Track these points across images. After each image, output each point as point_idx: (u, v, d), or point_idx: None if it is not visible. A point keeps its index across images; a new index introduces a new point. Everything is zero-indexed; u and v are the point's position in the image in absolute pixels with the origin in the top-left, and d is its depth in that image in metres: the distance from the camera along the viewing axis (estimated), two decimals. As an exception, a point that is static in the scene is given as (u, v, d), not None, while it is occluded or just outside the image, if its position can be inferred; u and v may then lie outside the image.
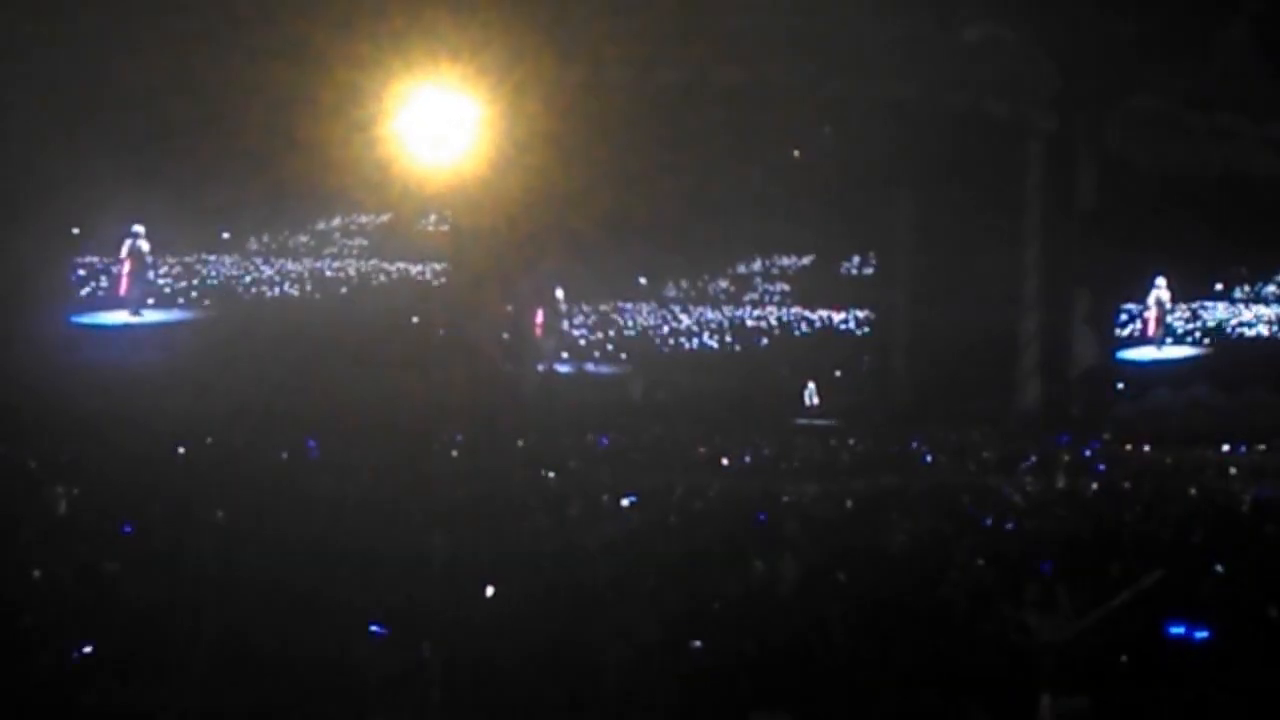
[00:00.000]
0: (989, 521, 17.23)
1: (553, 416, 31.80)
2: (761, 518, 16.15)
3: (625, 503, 17.55)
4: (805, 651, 9.90)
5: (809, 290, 39.28)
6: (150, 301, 36.16)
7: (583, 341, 38.50)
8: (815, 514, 17.40)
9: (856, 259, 39.20)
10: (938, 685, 9.23)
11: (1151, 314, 37.48)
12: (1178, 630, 10.24)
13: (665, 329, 38.97)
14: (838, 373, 37.68)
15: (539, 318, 37.34)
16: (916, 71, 32.74)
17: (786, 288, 39.30)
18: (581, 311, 38.70)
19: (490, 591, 10.66)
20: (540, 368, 36.82)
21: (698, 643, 9.85)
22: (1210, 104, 33.31)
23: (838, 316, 39.01)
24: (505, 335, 34.69)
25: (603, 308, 38.78)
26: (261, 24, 29.58)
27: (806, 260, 39.24)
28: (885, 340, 37.62)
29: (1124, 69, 33.14)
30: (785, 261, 39.27)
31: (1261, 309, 37.36)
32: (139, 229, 35.77)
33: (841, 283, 39.32)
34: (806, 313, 39.15)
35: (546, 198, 30.41)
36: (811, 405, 36.76)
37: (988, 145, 33.93)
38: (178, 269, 36.53)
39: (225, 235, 37.05)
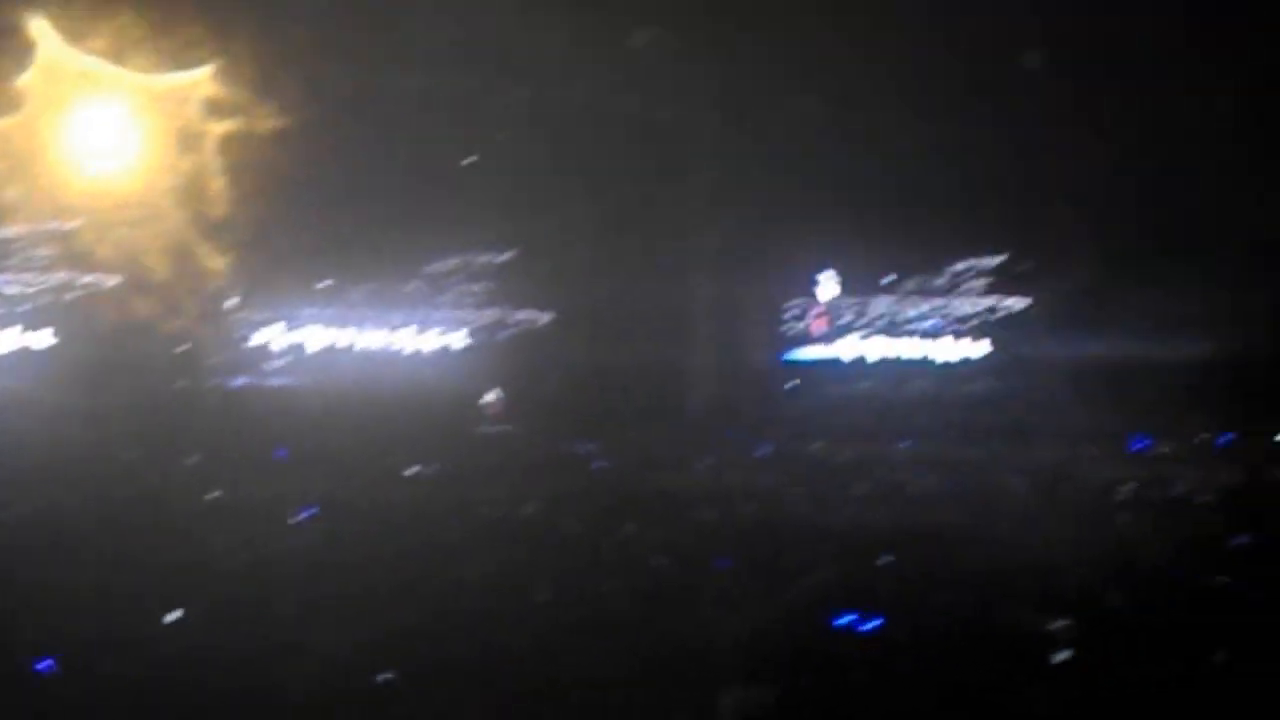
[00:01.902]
0: (666, 518, 17.46)
1: (228, 431, 31.00)
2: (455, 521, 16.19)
3: (304, 515, 17.33)
4: (491, 657, 9.92)
5: (510, 290, 38.53)
6: None
7: (258, 353, 37.50)
8: (496, 520, 17.45)
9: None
10: (619, 681, 9.33)
11: (818, 310, 38.18)
12: (849, 620, 10.55)
13: (350, 335, 38.17)
14: (533, 377, 37.36)
15: (212, 329, 36.28)
16: (583, 75, 32.97)
17: (487, 286, 38.45)
18: (255, 322, 37.66)
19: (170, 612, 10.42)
20: (214, 382, 35.84)
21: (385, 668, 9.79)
22: (873, 105, 34.12)
23: (543, 318, 38.50)
24: (178, 349, 33.69)
25: (281, 316, 37.71)
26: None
27: (506, 258, 38.38)
28: (563, 342, 37.67)
29: (785, 71, 33.82)
30: (484, 259, 38.28)
31: (936, 301, 38.13)
32: None
33: (543, 282, 38.52)
34: (508, 313, 38.49)
35: (207, 205, 29.74)
36: (492, 411, 36.60)
37: (657, 147, 34.33)
38: None
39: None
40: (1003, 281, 37.50)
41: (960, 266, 37.83)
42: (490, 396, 36.73)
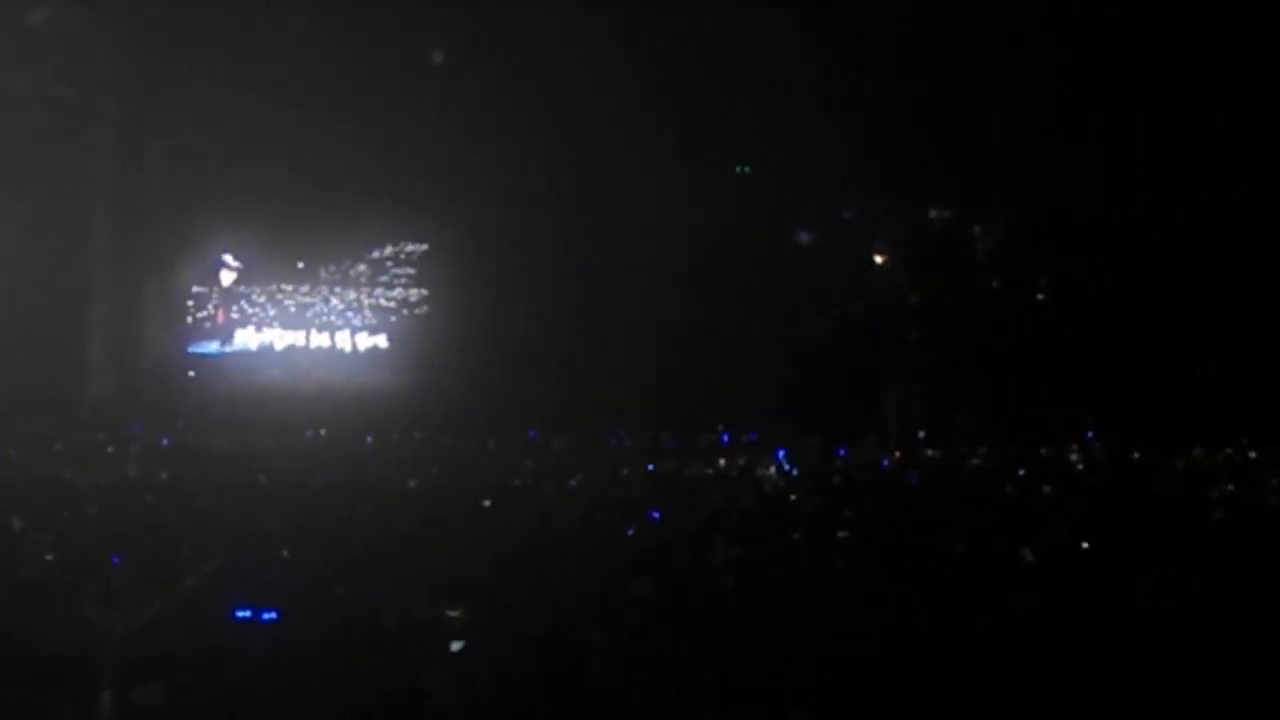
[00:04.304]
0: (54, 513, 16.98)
1: None
2: None
3: None
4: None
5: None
6: None
7: None
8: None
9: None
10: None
11: (219, 300, 37.13)
12: (244, 613, 10.50)
13: None
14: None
15: None
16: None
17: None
18: None
19: None
20: None
21: None
22: (276, 91, 33.72)
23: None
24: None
25: None
26: None
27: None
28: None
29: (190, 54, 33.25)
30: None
31: (346, 291, 37.60)
32: None
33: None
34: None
35: None
36: None
37: (56, 129, 33.08)
38: None
39: None
40: (414, 274, 37.70)
41: (371, 258, 37.79)
42: None
